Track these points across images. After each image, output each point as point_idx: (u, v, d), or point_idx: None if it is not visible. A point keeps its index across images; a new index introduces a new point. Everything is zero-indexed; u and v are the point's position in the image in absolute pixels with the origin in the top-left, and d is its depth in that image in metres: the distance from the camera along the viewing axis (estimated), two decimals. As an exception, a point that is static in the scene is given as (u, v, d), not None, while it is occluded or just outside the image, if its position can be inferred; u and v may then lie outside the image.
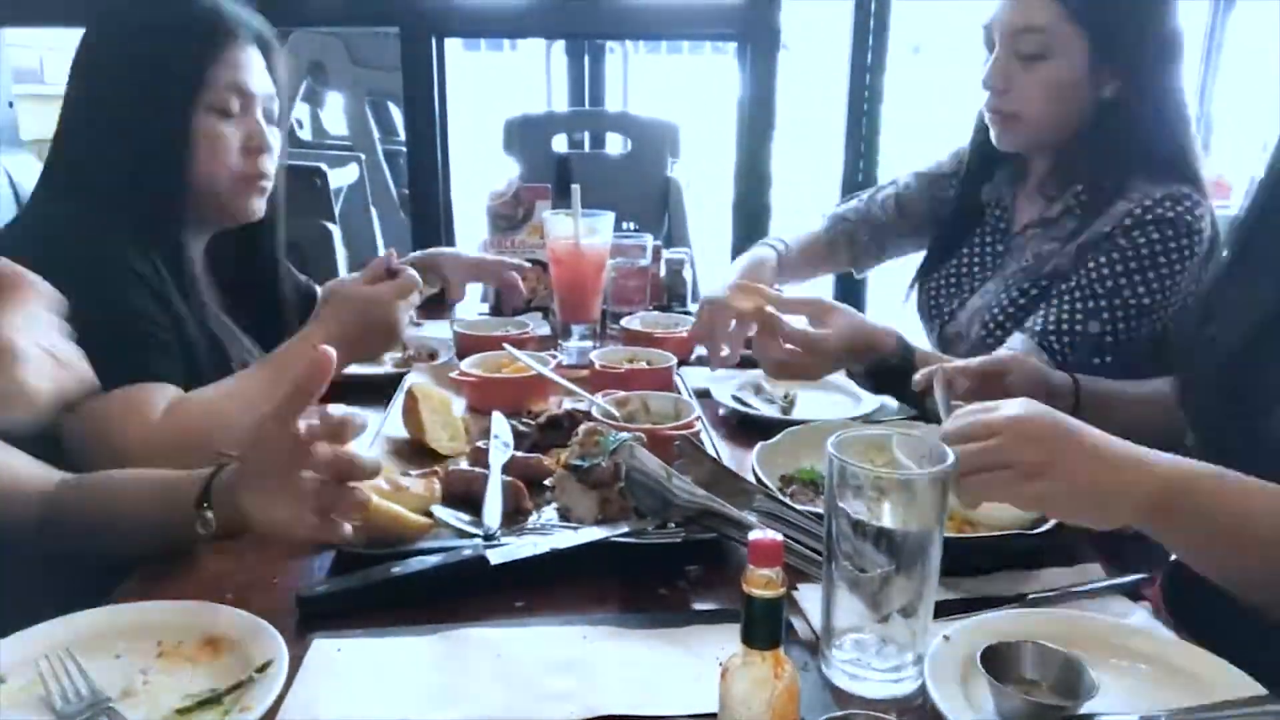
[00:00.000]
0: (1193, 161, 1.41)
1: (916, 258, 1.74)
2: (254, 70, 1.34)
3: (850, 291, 2.37)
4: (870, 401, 1.45)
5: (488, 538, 0.99)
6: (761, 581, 0.63)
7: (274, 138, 1.38)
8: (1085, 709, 0.73)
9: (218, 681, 0.78)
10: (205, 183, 1.31)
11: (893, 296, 1.80)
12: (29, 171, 2.42)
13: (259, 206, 1.39)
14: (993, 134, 1.50)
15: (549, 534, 1.01)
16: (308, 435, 0.87)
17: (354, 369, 1.58)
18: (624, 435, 1.06)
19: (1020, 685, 0.75)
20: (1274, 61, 2.88)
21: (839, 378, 1.58)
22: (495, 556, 0.93)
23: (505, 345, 1.48)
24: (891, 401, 1.45)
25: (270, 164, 1.38)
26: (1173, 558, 1.09)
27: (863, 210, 1.80)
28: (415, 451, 1.26)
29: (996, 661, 0.76)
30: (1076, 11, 1.38)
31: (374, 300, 1.34)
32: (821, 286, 2.20)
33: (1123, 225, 1.35)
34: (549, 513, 1.09)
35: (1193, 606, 1.20)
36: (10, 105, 2.39)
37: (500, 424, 1.25)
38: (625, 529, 1.00)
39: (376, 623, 0.88)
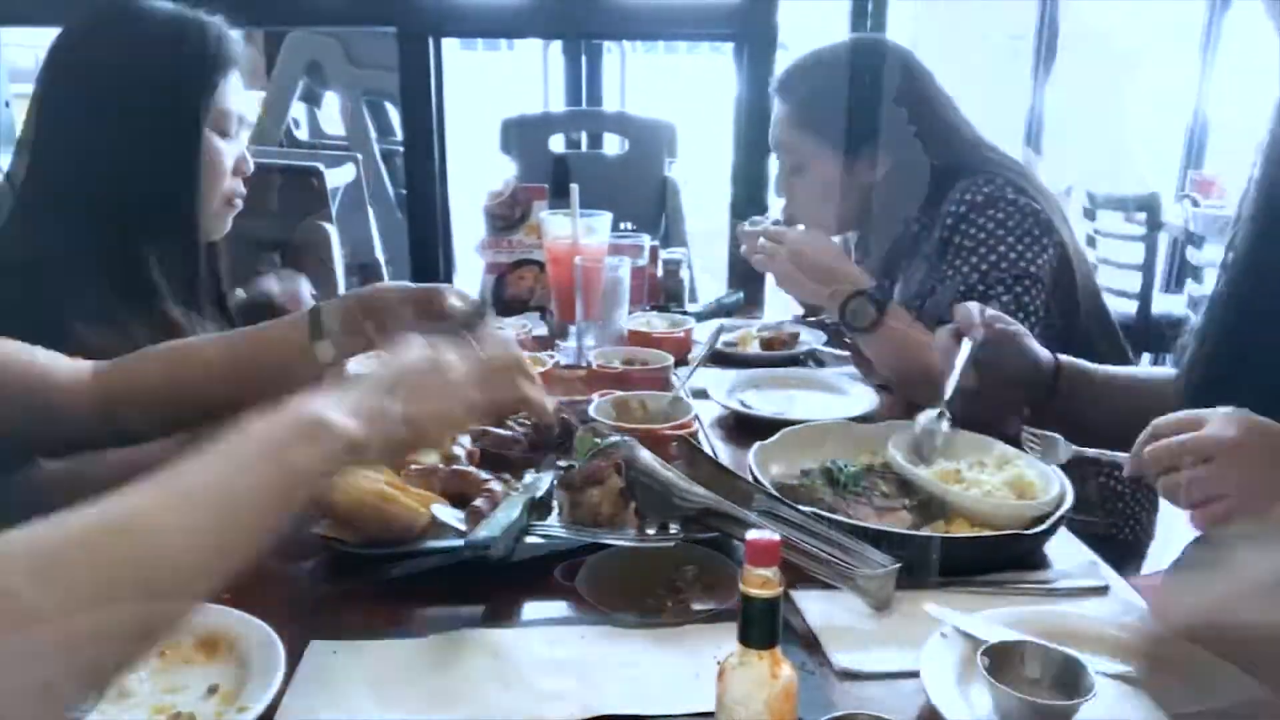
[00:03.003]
0: (985, 153, 1.56)
1: None
2: (240, 92, 1.37)
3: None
4: (867, 401, 1.45)
5: (485, 545, 0.99)
6: (759, 581, 0.63)
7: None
8: (1085, 709, 0.73)
9: (214, 682, 0.78)
10: (204, 202, 1.33)
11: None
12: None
13: (229, 224, 1.41)
14: None
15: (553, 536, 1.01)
16: None
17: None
18: (614, 438, 1.06)
19: (1020, 685, 0.75)
20: (1270, 61, 2.88)
21: (837, 377, 1.58)
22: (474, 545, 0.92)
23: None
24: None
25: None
26: (1174, 559, 1.09)
27: None
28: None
29: (996, 661, 0.76)
30: (803, 122, 1.60)
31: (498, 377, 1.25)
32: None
33: (948, 226, 1.50)
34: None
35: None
36: (7, 105, 2.39)
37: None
38: (624, 534, 1.00)
39: (373, 625, 0.88)
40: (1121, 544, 1.50)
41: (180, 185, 1.30)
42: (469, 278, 2.27)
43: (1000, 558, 1.00)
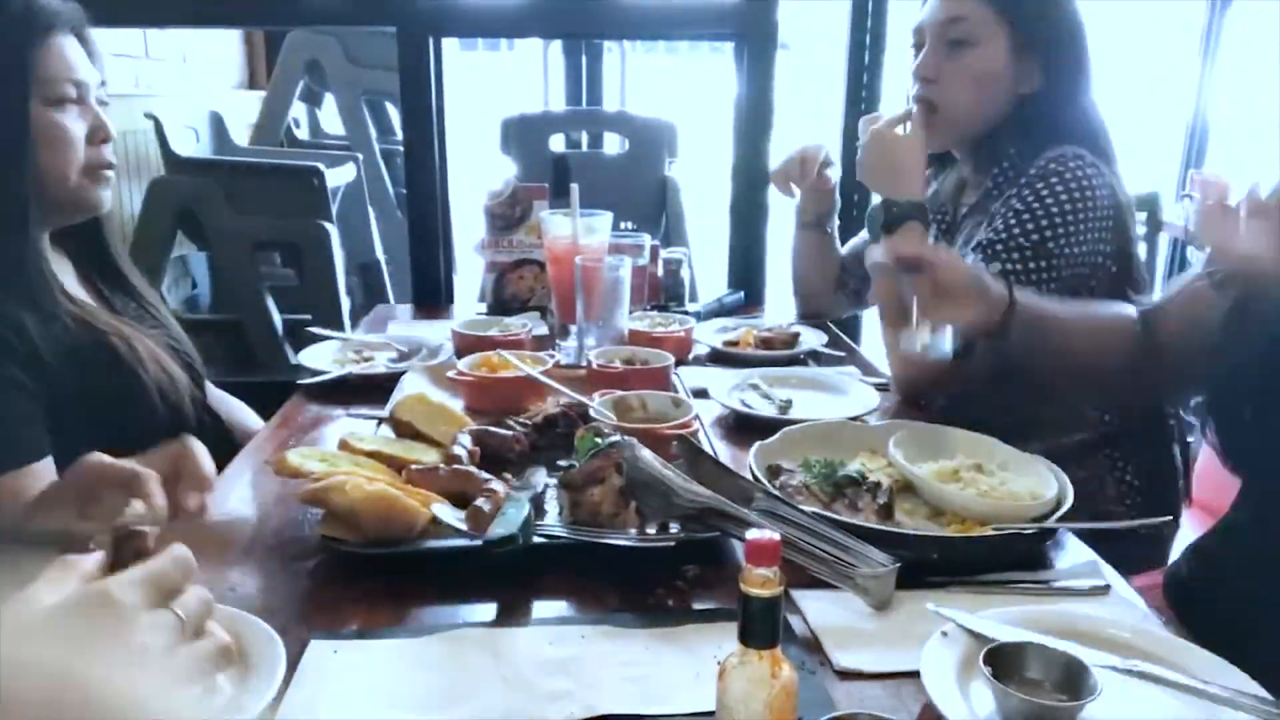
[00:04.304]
0: (1104, 144, 1.52)
1: None
2: (79, 59, 1.31)
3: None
4: (867, 401, 1.45)
5: (487, 543, 0.99)
6: (759, 580, 0.63)
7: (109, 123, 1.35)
8: (1087, 709, 0.73)
9: (214, 681, 0.78)
10: (54, 177, 1.27)
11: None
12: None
13: (106, 197, 1.35)
14: None
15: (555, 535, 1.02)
16: None
17: (352, 369, 1.58)
18: (614, 438, 1.06)
19: (1022, 685, 0.75)
20: (1272, 60, 2.88)
21: (837, 377, 1.58)
22: (493, 543, 0.93)
23: (499, 352, 1.49)
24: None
25: (111, 153, 1.35)
26: (1174, 559, 1.10)
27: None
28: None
29: (998, 662, 0.76)
30: (998, 3, 1.48)
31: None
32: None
33: (1019, 184, 1.46)
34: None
35: (1194, 606, 1.21)
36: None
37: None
38: (624, 534, 1.00)
39: (373, 625, 0.88)
40: (1141, 541, 1.51)
41: (5, 164, 1.23)
42: (469, 278, 2.28)
43: (1000, 558, 1.00)
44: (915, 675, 0.79)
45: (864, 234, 1.94)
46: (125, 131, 3.04)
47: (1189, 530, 1.57)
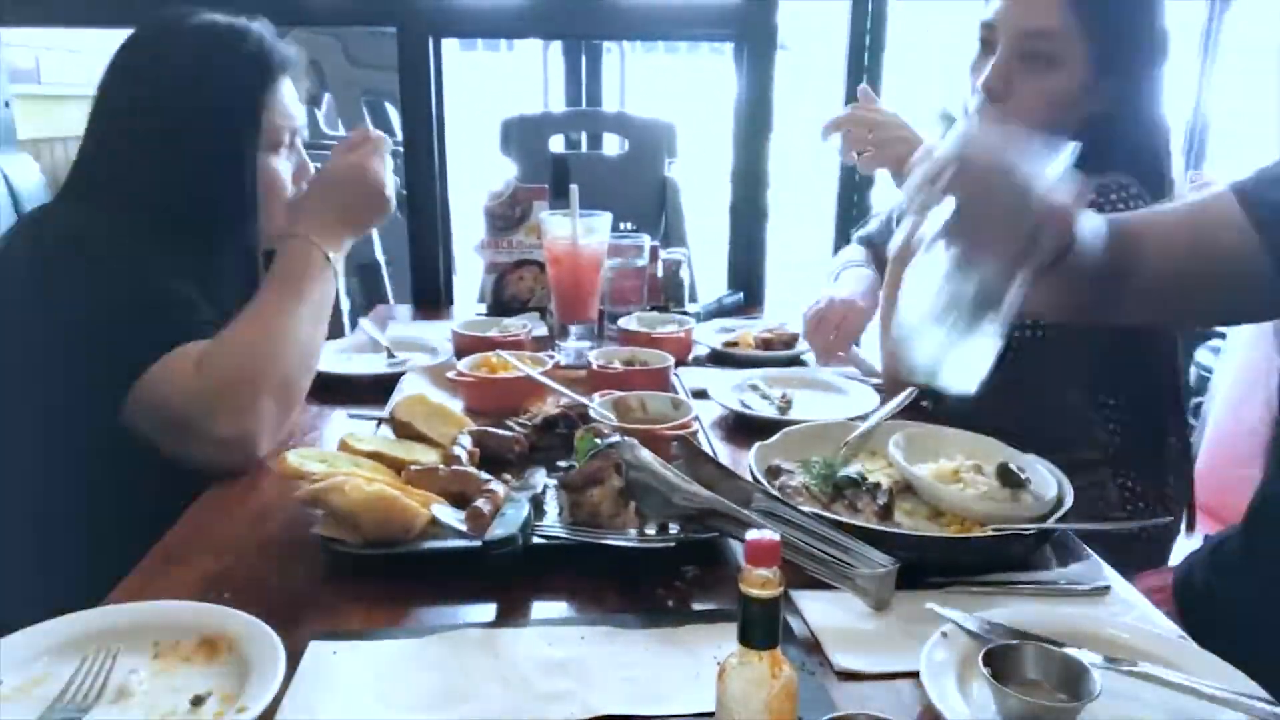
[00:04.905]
0: (1162, 166, 1.41)
1: None
2: (293, 101, 1.35)
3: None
4: (867, 401, 1.45)
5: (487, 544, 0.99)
6: (759, 581, 0.63)
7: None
8: (1087, 710, 0.73)
9: (214, 682, 0.78)
10: (265, 216, 1.33)
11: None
12: (25, 171, 2.42)
13: None
14: None
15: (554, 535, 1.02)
16: None
17: (354, 369, 1.58)
18: (614, 438, 1.06)
19: (1022, 686, 0.75)
20: (1272, 60, 2.88)
21: (837, 377, 1.58)
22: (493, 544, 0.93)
23: (498, 353, 1.49)
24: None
25: None
26: (1175, 559, 1.09)
27: (884, 232, 1.78)
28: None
29: (998, 662, 0.76)
30: (1086, 17, 1.33)
31: (353, 166, 1.34)
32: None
33: None
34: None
35: (1199, 607, 1.20)
36: (6, 105, 2.39)
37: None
38: (624, 534, 1.00)
39: (373, 625, 0.88)
40: (1142, 543, 1.51)
41: (234, 209, 1.29)
42: (469, 278, 2.27)
43: (1000, 558, 1.00)
44: (915, 675, 0.79)
45: (874, 224, 1.91)
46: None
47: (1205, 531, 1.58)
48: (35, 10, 2.14)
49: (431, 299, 2.21)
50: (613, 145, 3.42)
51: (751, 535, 0.64)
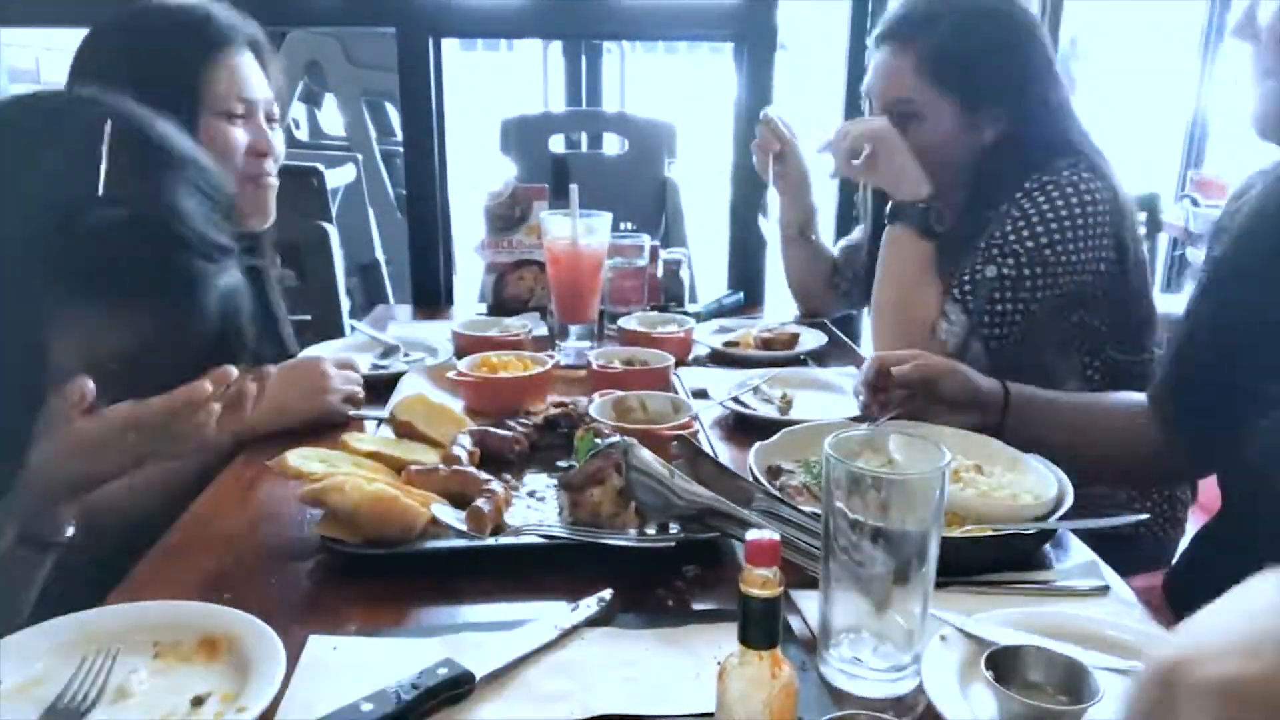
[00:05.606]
0: (1089, 154, 1.50)
1: None
2: (251, 75, 1.36)
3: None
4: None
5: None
6: (759, 581, 0.63)
7: (277, 141, 1.40)
8: (1089, 712, 0.73)
9: (214, 682, 0.78)
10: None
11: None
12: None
13: (268, 211, 1.40)
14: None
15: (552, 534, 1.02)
16: None
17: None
18: (614, 438, 1.06)
19: (1023, 689, 0.75)
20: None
21: (837, 377, 1.58)
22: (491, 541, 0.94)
23: (499, 352, 1.49)
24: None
25: (274, 167, 1.40)
26: (1175, 559, 1.09)
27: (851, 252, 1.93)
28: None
29: (999, 665, 0.76)
30: (936, 79, 1.51)
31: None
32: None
33: (1016, 195, 1.46)
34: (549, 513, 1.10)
35: (1195, 608, 1.20)
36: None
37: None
38: (624, 534, 1.00)
39: (372, 625, 0.88)
40: (1143, 543, 1.51)
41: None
42: (469, 278, 2.27)
43: (1000, 558, 1.00)
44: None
45: (856, 233, 1.95)
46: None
47: (1193, 529, 1.58)
48: (35, 10, 2.14)
49: (431, 299, 2.21)
50: (613, 145, 3.42)
51: (751, 535, 0.64)
